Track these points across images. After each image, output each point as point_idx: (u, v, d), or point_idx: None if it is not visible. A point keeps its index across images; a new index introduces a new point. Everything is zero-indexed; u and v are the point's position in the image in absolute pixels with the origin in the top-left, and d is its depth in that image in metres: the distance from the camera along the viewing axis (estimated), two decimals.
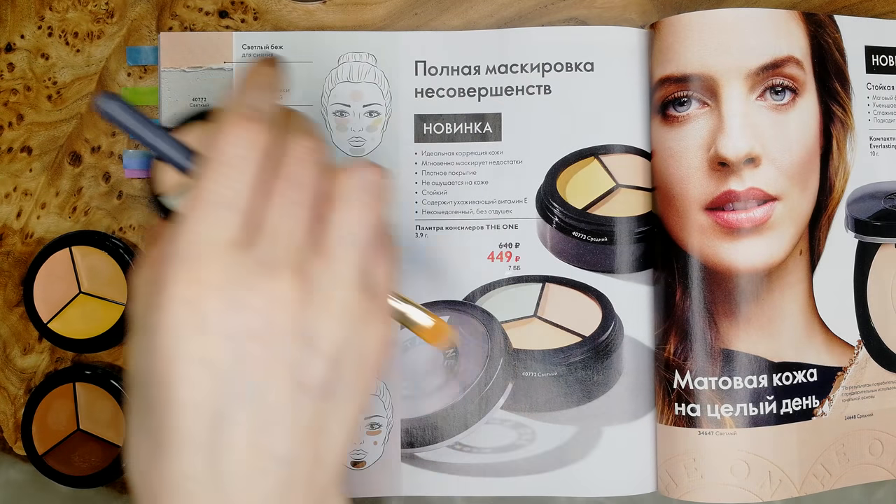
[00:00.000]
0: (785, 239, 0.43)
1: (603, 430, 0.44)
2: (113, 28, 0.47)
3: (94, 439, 0.45)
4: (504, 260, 0.45)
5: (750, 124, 0.42)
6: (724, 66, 0.42)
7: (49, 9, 0.46)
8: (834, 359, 0.44)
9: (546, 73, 0.45)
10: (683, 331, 0.43)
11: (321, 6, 0.47)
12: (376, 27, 0.47)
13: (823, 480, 0.44)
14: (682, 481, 0.43)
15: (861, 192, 0.45)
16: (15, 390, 0.46)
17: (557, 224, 0.45)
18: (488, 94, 0.46)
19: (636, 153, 0.45)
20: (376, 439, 0.45)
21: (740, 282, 0.43)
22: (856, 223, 0.45)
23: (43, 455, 0.44)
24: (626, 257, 0.45)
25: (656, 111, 0.44)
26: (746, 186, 0.42)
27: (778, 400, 0.43)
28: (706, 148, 0.43)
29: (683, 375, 0.43)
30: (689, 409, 0.43)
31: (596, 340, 0.45)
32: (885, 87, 0.46)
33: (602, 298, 0.45)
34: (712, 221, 0.43)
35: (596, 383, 0.45)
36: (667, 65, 0.44)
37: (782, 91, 0.43)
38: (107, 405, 0.44)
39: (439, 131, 0.46)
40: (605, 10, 0.47)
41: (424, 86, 0.46)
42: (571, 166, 0.45)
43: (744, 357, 0.43)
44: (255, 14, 0.46)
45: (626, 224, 0.45)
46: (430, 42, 0.46)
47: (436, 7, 0.47)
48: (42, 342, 0.46)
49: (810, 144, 0.44)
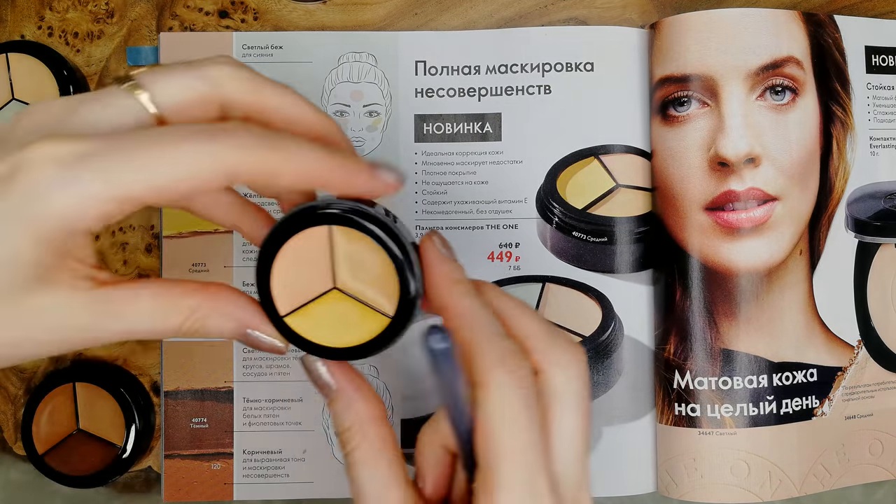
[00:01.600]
0: (785, 239, 0.43)
1: (603, 429, 0.44)
2: (113, 28, 0.47)
3: (93, 439, 0.45)
4: (504, 260, 0.45)
5: (750, 124, 0.42)
6: (724, 66, 0.42)
7: (49, 9, 0.46)
8: (834, 359, 0.44)
9: (546, 73, 0.45)
10: (683, 331, 0.43)
11: (321, 6, 0.47)
12: (376, 27, 0.47)
13: (823, 480, 0.44)
14: (682, 481, 0.43)
15: (861, 192, 0.45)
16: (15, 390, 0.46)
17: (557, 224, 0.45)
18: (488, 94, 0.46)
19: (636, 153, 0.45)
20: None
21: (740, 282, 0.43)
22: (856, 223, 0.45)
23: (43, 455, 0.44)
24: (626, 257, 0.45)
25: (656, 111, 0.44)
26: (746, 186, 0.42)
27: (778, 400, 0.43)
28: (706, 148, 0.43)
29: (683, 375, 0.43)
30: (689, 409, 0.43)
31: (596, 340, 0.45)
32: (885, 87, 0.46)
33: (602, 298, 0.45)
34: (712, 221, 0.43)
35: (596, 383, 0.45)
36: (667, 65, 0.44)
37: (782, 91, 0.43)
38: (107, 405, 0.44)
39: (439, 131, 0.46)
40: (604, 10, 0.47)
41: (424, 86, 0.46)
42: (571, 166, 0.45)
43: (744, 357, 0.43)
44: (256, 14, 0.46)
45: (626, 224, 0.45)
46: (430, 42, 0.46)
47: (436, 7, 0.47)
48: None
49: (810, 144, 0.44)
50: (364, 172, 0.27)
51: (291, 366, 0.45)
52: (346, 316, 0.28)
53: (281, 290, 0.28)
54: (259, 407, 0.45)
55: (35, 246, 0.24)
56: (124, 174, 0.24)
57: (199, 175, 0.24)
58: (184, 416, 0.45)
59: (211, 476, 0.45)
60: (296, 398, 0.45)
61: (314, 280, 0.28)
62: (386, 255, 0.27)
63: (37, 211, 0.24)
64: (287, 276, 0.27)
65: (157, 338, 0.27)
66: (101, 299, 0.26)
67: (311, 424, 0.45)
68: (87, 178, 0.24)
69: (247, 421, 0.45)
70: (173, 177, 0.24)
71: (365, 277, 0.28)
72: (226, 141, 0.24)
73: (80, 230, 0.24)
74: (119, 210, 0.24)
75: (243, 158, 0.25)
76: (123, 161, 0.24)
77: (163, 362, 0.45)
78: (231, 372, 0.45)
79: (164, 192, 0.24)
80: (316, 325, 0.28)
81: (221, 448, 0.45)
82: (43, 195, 0.24)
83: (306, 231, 0.27)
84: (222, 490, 0.45)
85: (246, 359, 0.45)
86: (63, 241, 0.25)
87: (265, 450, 0.45)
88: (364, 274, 0.27)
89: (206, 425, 0.45)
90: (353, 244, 0.27)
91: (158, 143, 0.24)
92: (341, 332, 0.28)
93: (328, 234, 0.27)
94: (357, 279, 0.28)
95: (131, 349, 0.46)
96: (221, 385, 0.45)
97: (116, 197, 0.24)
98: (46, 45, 0.45)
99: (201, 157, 0.24)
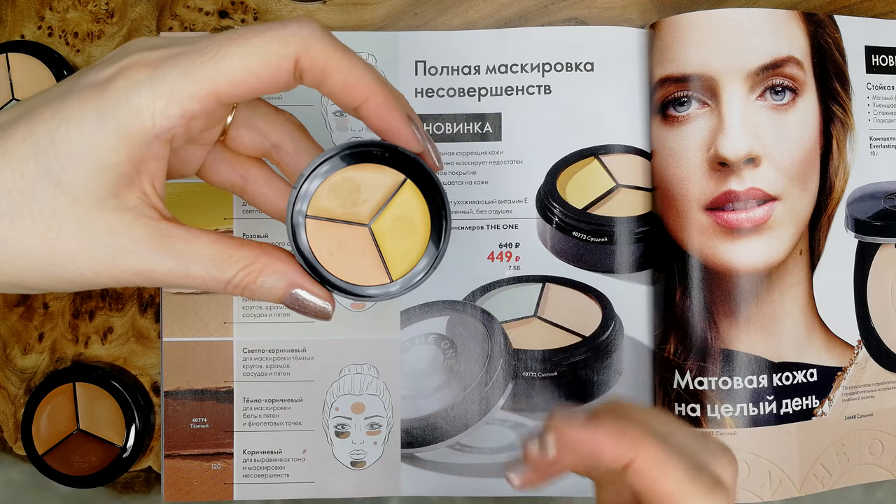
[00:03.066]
0: (785, 239, 0.43)
1: None
2: (113, 28, 0.46)
3: (93, 439, 0.45)
4: (504, 260, 0.45)
5: (750, 124, 0.42)
6: (724, 66, 0.42)
7: (49, 9, 0.46)
8: (834, 359, 0.44)
9: (546, 73, 0.45)
10: (683, 331, 0.43)
11: (321, 6, 0.46)
12: (376, 27, 0.47)
13: (823, 480, 0.44)
14: None
15: (861, 192, 0.45)
16: (15, 390, 0.46)
17: (557, 224, 0.45)
18: (488, 94, 0.46)
19: (636, 153, 0.45)
20: (376, 439, 0.45)
21: (740, 282, 0.43)
22: (856, 223, 0.45)
23: (43, 455, 0.44)
24: (626, 257, 0.45)
25: (656, 111, 0.44)
26: (746, 186, 0.42)
27: (778, 400, 0.43)
28: (706, 148, 0.43)
29: (683, 375, 0.43)
30: (689, 410, 0.43)
31: (596, 340, 0.45)
32: (884, 87, 0.46)
33: (602, 298, 0.45)
34: (712, 221, 0.43)
35: (596, 383, 0.45)
36: (667, 65, 0.44)
37: (782, 91, 0.43)
38: (107, 405, 0.44)
39: (439, 131, 0.46)
40: (605, 10, 0.47)
41: (424, 86, 0.46)
42: (571, 166, 0.45)
43: (744, 357, 0.43)
44: (256, 14, 0.46)
45: (626, 224, 0.45)
46: (430, 42, 0.46)
47: (436, 7, 0.47)
48: (42, 342, 0.46)
49: (810, 144, 0.44)
50: (401, 113, 0.29)
51: (291, 366, 0.45)
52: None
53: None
54: (259, 407, 0.45)
55: (118, 147, 0.26)
56: (205, 67, 0.26)
57: (271, 61, 0.26)
58: (184, 416, 0.45)
59: (211, 476, 0.45)
60: (296, 398, 0.45)
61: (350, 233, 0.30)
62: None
63: (124, 110, 0.26)
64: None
65: (205, 289, 0.28)
66: (163, 232, 0.27)
67: (311, 424, 0.45)
68: (171, 76, 0.26)
69: (247, 421, 0.45)
70: (248, 65, 0.26)
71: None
72: (295, 29, 0.27)
73: (162, 132, 0.26)
74: (202, 108, 0.26)
75: (310, 45, 0.27)
76: (204, 58, 0.26)
77: (163, 362, 0.45)
78: (231, 372, 0.45)
79: (242, 84, 0.26)
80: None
81: (221, 448, 0.45)
82: (132, 94, 0.26)
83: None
84: (222, 490, 0.45)
85: (246, 359, 0.45)
86: (146, 146, 0.26)
87: (265, 450, 0.45)
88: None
89: (206, 425, 0.45)
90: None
91: (234, 38, 0.26)
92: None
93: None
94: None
95: (131, 349, 0.46)
96: (221, 385, 0.45)
97: (197, 93, 0.26)
98: (46, 46, 0.45)
99: (273, 44, 0.26)
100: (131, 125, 0.26)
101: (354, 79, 0.28)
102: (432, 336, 0.45)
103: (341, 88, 0.28)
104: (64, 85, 0.27)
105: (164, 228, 0.27)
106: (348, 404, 0.45)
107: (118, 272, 0.27)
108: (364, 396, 0.45)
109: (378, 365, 0.45)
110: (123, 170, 0.26)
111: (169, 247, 0.27)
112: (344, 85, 0.28)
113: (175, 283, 0.28)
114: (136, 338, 0.46)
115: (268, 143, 0.32)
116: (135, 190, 0.27)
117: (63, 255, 0.26)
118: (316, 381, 0.45)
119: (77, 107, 0.26)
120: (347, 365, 0.45)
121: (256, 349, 0.45)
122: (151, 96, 0.26)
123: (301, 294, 0.29)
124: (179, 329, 0.45)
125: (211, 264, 0.28)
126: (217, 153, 0.32)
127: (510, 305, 0.45)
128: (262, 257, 0.29)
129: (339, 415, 0.45)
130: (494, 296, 0.45)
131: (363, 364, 0.45)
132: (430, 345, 0.45)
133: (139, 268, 0.27)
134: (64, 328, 0.46)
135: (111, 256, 0.27)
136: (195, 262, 0.28)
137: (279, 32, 0.27)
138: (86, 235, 0.26)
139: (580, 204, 0.45)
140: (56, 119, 0.26)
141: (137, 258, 0.27)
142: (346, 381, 0.45)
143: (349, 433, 0.45)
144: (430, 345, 0.45)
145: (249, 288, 0.29)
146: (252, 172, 0.33)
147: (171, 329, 0.45)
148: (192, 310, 0.45)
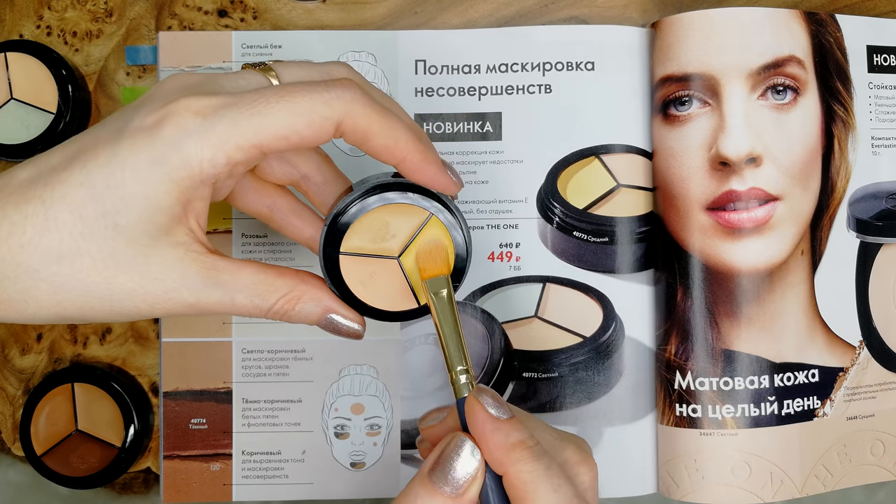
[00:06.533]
0: (786, 239, 0.43)
1: (604, 430, 0.44)
2: (112, 27, 0.46)
3: (92, 440, 0.44)
4: (504, 260, 0.45)
5: (751, 124, 0.42)
6: (725, 65, 0.42)
7: (48, 8, 0.46)
8: (835, 359, 0.44)
9: (547, 72, 0.45)
10: (684, 331, 0.43)
11: (321, 5, 0.46)
12: (376, 26, 0.46)
13: (825, 481, 0.44)
14: (683, 482, 0.43)
15: (863, 192, 0.45)
16: (13, 391, 0.46)
17: (558, 224, 0.45)
18: (489, 94, 0.46)
19: (637, 153, 0.45)
20: (376, 440, 0.45)
21: (742, 282, 0.42)
22: (857, 223, 0.45)
23: (41, 456, 0.44)
24: (627, 257, 0.45)
25: (657, 110, 0.44)
26: (748, 186, 0.42)
27: (779, 400, 0.43)
28: (707, 147, 0.43)
29: (684, 376, 0.43)
30: (690, 410, 0.43)
31: (597, 341, 0.45)
32: (886, 87, 0.46)
33: (603, 299, 0.45)
34: (713, 221, 0.42)
35: (597, 384, 0.44)
36: (668, 64, 0.43)
37: (784, 90, 0.43)
38: (105, 406, 0.44)
39: (439, 131, 0.46)
40: (605, 9, 0.46)
41: (424, 85, 0.46)
42: (572, 166, 0.45)
43: (745, 357, 0.43)
44: (255, 13, 0.46)
45: (626, 224, 0.45)
46: (430, 41, 0.46)
47: (436, 6, 0.47)
48: (40, 342, 0.46)
49: (812, 144, 0.43)
50: (437, 164, 0.31)
51: (290, 367, 0.45)
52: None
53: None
54: (258, 408, 0.45)
55: (170, 192, 0.28)
56: (252, 121, 0.27)
57: (315, 122, 0.28)
58: (183, 416, 0.45)
59: (210, 477, 0.45)
60: (295, 399, 0.45)
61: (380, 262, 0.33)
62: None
63: (175, 158, 0.27)
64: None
65: (248, 315, 0.31)
66: (210, 265, 0.29)
67: (311, 425, 0.45)
68: (220, 127, 0.27)
69: (246, 422, 0.45)
70: (294, 124, 0.28)
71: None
72: (340, 93, 0.28)
73: (208, 178, 0.28)
74: (245, 157, 0.28)
75: (352, 110, 0.28)
76: (252, 111, 0.27)
77: (161, 363, 0.45)
78: (230, 372, 0.45)
79: (285, 139, 0.28)
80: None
81: (220, 449, 0.45)
82: (183, 142, 0.27)
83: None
84: (221, 491, 0.45)
85: (245, 359, 0.45)
86: (193, 189, 0.28)
87: (264, 451, 0.45)
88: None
89: (205, 426, 0.45)
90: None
91: (282, 95, 0.28)
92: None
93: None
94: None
95: (130, 350, 0.46)
96: (220, 386, 0.45)
97: (244, 144, 0.27)
98: (45, 45, 0.45)
99: (317, 106, 0.28)
100: (181, 171, 0.27)
101: (393, 141, 0.30)
102: (432, 336, 0.45)
103: (381, 150, 0.30)
104: (111, 125, 0.29)
105: (211, 261, 0.29)
106: (348, 405, 0.45)
107: (171, 304, 0.29)
108: (364, 397, 0.45)
109: (378, 365, 0.45)
110: (174, 211, 0.28)
111: (216, 278, 0.29)
112: (384, 147, 0.30)
113: (221, 312, 0.30)
114: (135, 338, 0.46)
115: (297, 174, 0.34)
116: (183, 227, 0.29)
117: (120, 292, 0.28)
118: (315, 382, 0.45)
119: (130, 153, 0.27)
120: (347, 365, 0.45)
121: (255, 350, 0.45)
122: (200, 145, 0.27)
123: (335, 318, 0.32)
124: (178, 329, 0.45)
125: (254, 293, 0.30)
126: (246, 182, 0.34)
127: (511, 306, 0.45)
128: (300, 285, 0.31)
129: (339, 416, 0.45)
130: (495, 296, 0.45)
131: (363, 365, 0.45)
132: (430, 345, 0.45)
133: (190, 300, 0.29)
134: (62, 328, 0.46)
135: (164, 290, 0.29)
136: (239, 292, 0.30)
137: (324, 95, 0.28)
138: (141, 272, 0.28)
139: (581, 204, 0.45)
140: (111, 164, 0.27)
141: (188, 291, 0.29)
142: (345, 381, 0.45)
143: (349, 434, 0.45)
144: (430, 345, 0.45)
145: (288, 314, 0.31)
146: (278, 202, 0.35)
147: (169, 329, 0.45)
148: None
